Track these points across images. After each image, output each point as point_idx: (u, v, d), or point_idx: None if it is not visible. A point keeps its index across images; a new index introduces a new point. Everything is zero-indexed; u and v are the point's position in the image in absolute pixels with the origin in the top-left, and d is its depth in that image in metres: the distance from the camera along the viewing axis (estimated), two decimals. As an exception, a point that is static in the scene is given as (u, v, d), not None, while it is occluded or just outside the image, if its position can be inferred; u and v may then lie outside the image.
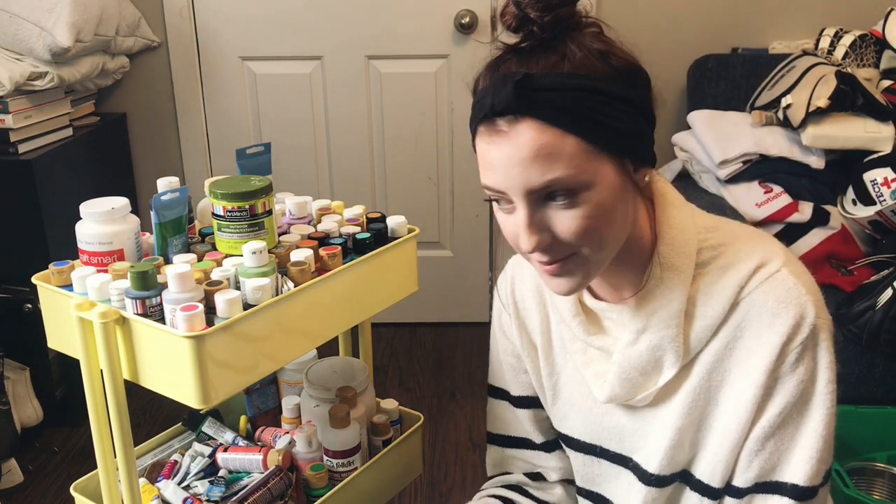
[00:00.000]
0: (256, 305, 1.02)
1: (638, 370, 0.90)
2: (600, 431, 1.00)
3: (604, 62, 0.80)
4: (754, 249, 0.88)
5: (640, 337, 0.89)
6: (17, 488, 2.05)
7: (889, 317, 1.72)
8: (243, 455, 1.21)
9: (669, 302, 0.87)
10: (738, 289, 0.86)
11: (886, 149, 2.01)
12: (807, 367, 0.85)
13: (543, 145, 0.78)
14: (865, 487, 1.77)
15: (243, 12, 2.58)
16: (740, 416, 0.87)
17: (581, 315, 0.95)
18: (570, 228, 0.81)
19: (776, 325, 0.84)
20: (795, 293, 0.85)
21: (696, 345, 0.88)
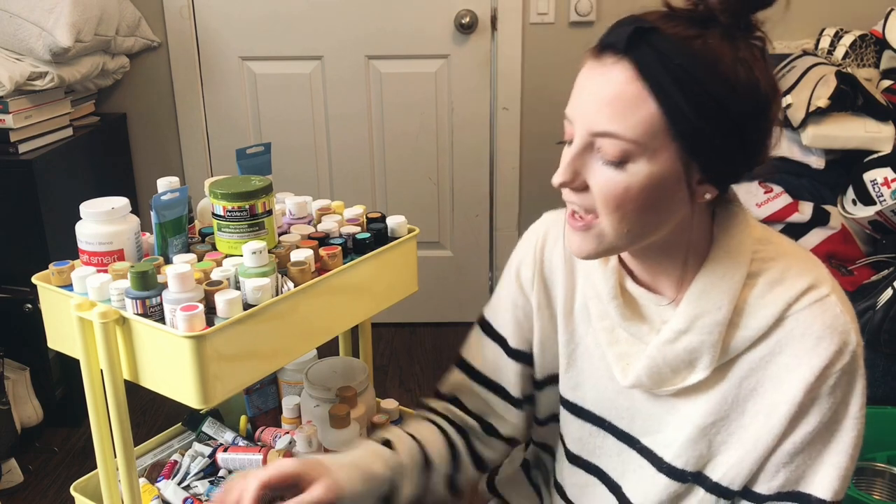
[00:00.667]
0: (256, 305, 1.02)
1: (670, 367, 0.90)
2: (611, 408, 0.99)
3: (731, 67, 0.79)
4: (806, 269, 0.89)
5: (680, 337, 0.89)
6: (17, 488, 2.05)
7: (889, 317, 1.72)
8: (243, 455, 1.21)
9: (717, 309, 0.87)
10: (785, 305, 0.86)
11: (886, 149, 2.01)
12: (843, 391, 0.86)
13: (626, 94, 0.78)
14: (865, 487, 1.77)
15: (243, 12, 2.58)
16: (772, 429, 0.87)
17: (619, 298, 0.94)
18: (602, 188, 0.81)
19: (820, 348, 0.85)
20: (842, 320, 0.86)
21: (732, 351, 0.88)
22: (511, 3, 2.51)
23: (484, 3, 2.54)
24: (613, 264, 0.95)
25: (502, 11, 2.53)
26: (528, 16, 2.53)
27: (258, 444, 1.26)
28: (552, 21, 2.53)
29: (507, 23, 2.53)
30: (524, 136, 2.64)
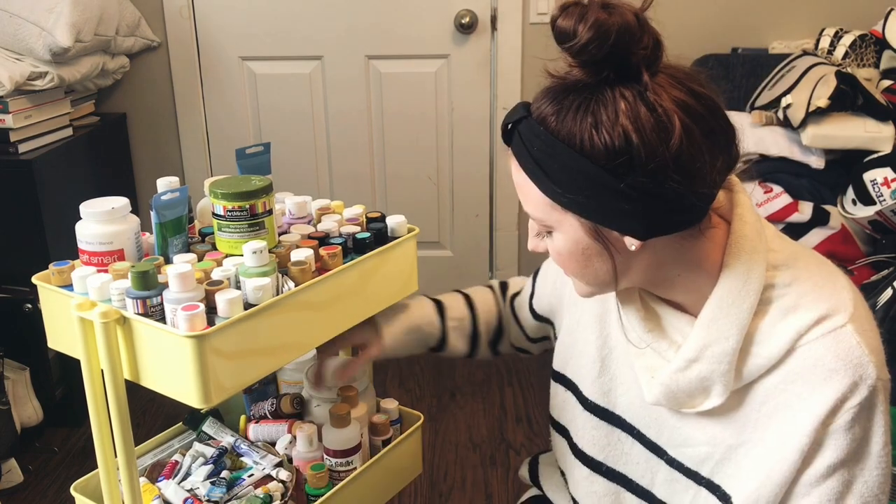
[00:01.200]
0: (257, 305, 1.02)
1: (685, 393, 0.90)
2: (642, 417, 1.00)
3: (586, 137, 0.79)
4: (823, 297, 0.86)
5: (690, 365, 0.88)
6: (17, 488, 2.05)
7: (889, 317, 1.72)
8: (272, 426, 1.27)
9: (726, 338, 0.86)
10: (796, 336, 0.85)
11: (886, 149, 2.01)
12: (862, 427, 0.84)
13: (518, 181, 0.88)
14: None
15: (243, 12, 2.58)
16: (785, 459, 0.85)
17: (642, 311, 0.95)
18: (551, 254, 0.91)
19: (832, 381, 0.83)
20: (857, 352, 0.83)
21: (747, 377, 0.87)
22: (511, 3, 2.51)
23: (484, 3, 2.54)
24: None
25: (502, 11, 2.53)
26: (528, 16, 2.53)
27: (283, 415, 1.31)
28: (552, 21, 2.53)
29: (507, 23, 2.54)
30: (524, 136, 2.64)
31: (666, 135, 0.78)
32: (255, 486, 1.17)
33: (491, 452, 2.20)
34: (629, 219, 0.82)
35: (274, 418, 1.29)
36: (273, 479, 1.19)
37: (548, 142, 0.81)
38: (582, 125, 0.79)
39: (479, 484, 2.09)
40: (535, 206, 0.86)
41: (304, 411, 1.29)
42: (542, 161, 0.82)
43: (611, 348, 1.02)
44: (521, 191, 0.88)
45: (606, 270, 0.87)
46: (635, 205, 0.80)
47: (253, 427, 1.28)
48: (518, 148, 0.85)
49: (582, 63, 0.80)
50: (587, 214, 0.83)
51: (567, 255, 0.87)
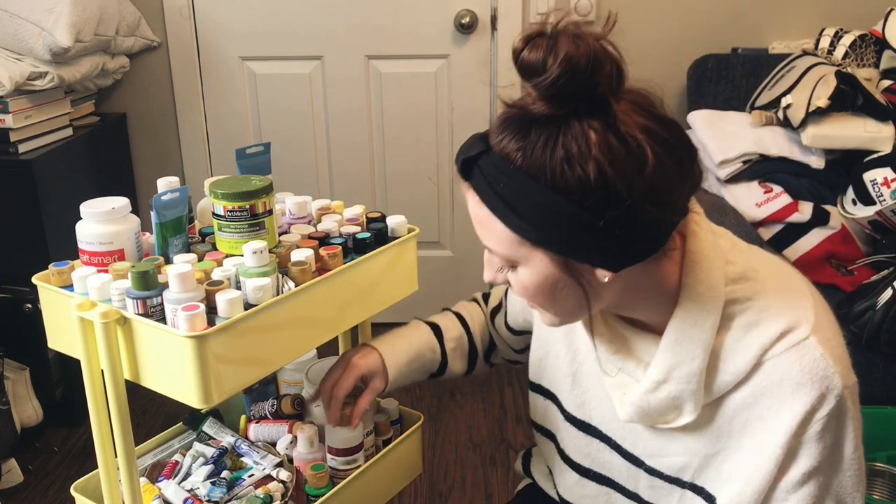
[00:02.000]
0: (257, 305, 1.02)
1: (657, 412, 0.90)
2: (617, 429, 1.00)
3: (556, 172, 0.76)
4: (785, 309, 0.86)
5: (659, 387, 0.88)
6: (17, 488, 2.05)
7: (889, 317, 1.72)
8: (273, 427, 1.26)
9: (692, 359, 0.86)
10: (761, 351, 0.85)
11: (886, 149, 2.01)
12: (833, 435, 0.85)
13: (479, 216, 0.84)
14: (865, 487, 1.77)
15: (243, 12, 2.58)
16: (761, 468, 0.86)
17: (606, 335, 0.94)
18: (514, 288, 0.87)
19: (800, 394, 0.83)
20: (822, 364, 0.83)
21: (717, 392, 0.88)
22: (511, 3, 2.51)
23: (484, 3, 2.54)
24: None
25: (502, 11, 2.53)
26: (528, 16, 2.53)
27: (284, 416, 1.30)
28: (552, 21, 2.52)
29: (507, 23, 2.54)
30: (524, 136, 2.64)
31: (640, 166, 0.76)
32: (256, 486, 1.17)
33: (491, 452, 2.20)
34: (603, 252, 0.80)
35: (274, 419, 1.29)
36: (273, 479, 1.19)
37: (515, 179, 0.77)
38: (552, 161, 0.76)
39: (479, 484, 2.09)
40: (500, 242, 0.82)
41: (304, 412, 1.29)
42: (509, 198, 0.78)
43: (580, 363, 1.02)
44: (481, 226, 0.84)
45: (576, 302, 0.85)
46: (611, 239, 0.78)
47: (253, 427, 1.28)
48: (480, 184, 0.81)
49: (547, 97, 0.76)
50: (560, 250, 0.80)
51: (535, 289, 0.84)
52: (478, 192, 0.81)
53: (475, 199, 0.82)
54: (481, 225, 0.84)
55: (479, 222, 0.84)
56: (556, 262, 0.81)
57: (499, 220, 0.81)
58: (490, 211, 0.81)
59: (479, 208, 0.82)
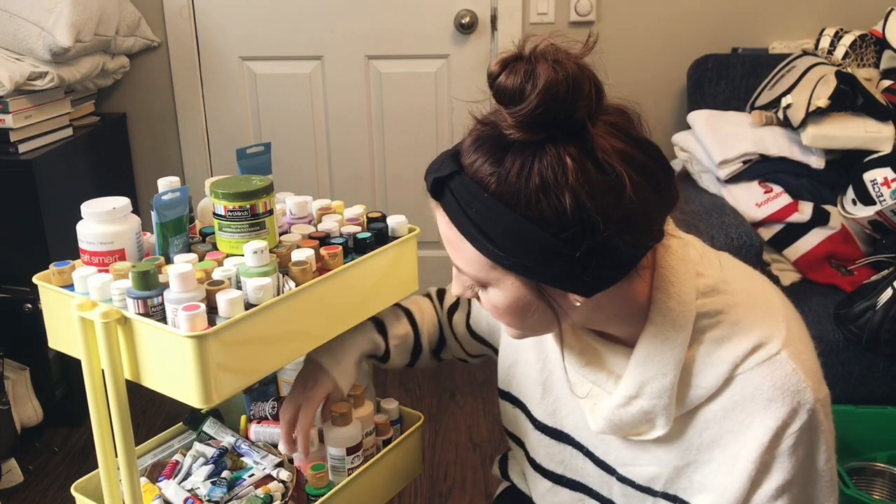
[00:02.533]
0: (258, 305, 1.02)
1: (629, 425, 0.90)
2: (588, 437, 1.00)
3: (531, 200, 0.74)
4: (755, 324, 0.85)
5: (631, 402, 0.88)
6: (17, 488, 2.05)
7: (889, 317, 1.72)
8: (273, 428, 1.25)
9: (663, 375, 0.85)
10: (732, 366, 0.84)
11: (886, 149, 2.01)
12: (805, 448, 0.84)
13: (449, 237, 0.82)
14: (865, 487, 1.77)
15: (243, 12, 2.58)
16: (734, 482, 0.86)
17: (575, 347, 0.94)
18: (483, 306, 0.86)
19: (771, 409, 0.82)
20: (794, 379, 0.82)
21: (689, 405, 0.87)
22: (511, 3, 2.51)
23: (484, 3, 2.54)
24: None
25: (502, 11, 2.53)
26: (528, 16, 2.53)
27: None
28: (552, 21, 2.53)
29: (507, 23, 2.54)
30: (524, 136, 2.64)
31: (618, 195, 0.73)
32: (256, 486, 1.17)
33: (491, 452, 2.20)
34: (577, 279, 0.78)
35: (275, 420, 1.29)
36: (273, 479, 1.19)
37: (488, 205, 0.75)
38: (528, 189, 0.73)
39: (479, 484, 2.09)
40: (470, 264, 0.81)
41: None
42: (482, 224, 0.76)
43: (550, 371, 1.02)
44: (452, 246, 0.82)
45: (546, 321, 0.84)
46: (586, 268, 0.76)
47: (254, 427, 1.28)
48: (451, 206, 0.79)
49: (523, 125, 0.74)
50: (532, 276, 0.78)
51: (504, 309, 0.83)
52: (448, 214, 0.80)
53: (445, 220, 0.81)
54: (451, 245, 0.82)
55: (450, 243, 0.82)
56: (528, 287, 0.80)
57: (469, 243, 0.79)
58: (460, 234, 0.79)
59: (448, 230, 0.81)
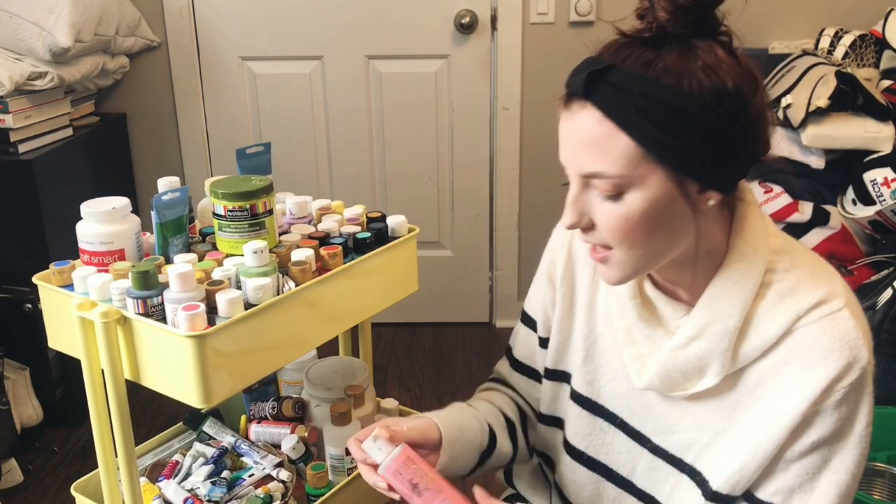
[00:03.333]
0: (257, 305, 1.02)
1: (681, 373, 0.91)
2: (625, 406, 1.00)
3: (693, 80, 0.79)
4: (820, 283, 0.88)
5: (690, 343, 0.89)
6: (17, 488, 2.05)
7: (889, 317, 1.72)
8: (274, 428, 1.25)
9: (728, 317, 0.87)
10: (795, 317, 0.86)
11: (886, 149, 2.01)
12: (849, 408, 0.86)
13: (597, 136, 0.81)
14: (865, 487, 1.77)
15: (243, 12, 2.58)
16: (773, 437, 0.87)
17: (637, 298, 0.95)
18: (606, 223, 0.84)
19: (828, 361, 0.84)
20: (853, 335, 0.85)
21: (743, 360, 0.88)
22: (511, 3, 2.51)
23: (484, 3, 2.54)
24: None
25: (502, 11, 2.53)
26: (528, 16, 2.53)
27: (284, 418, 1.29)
28: (552, 21, 2.53)
29: (507, 23, 2.54)
30: (524, 136, 2.65)
31: (755, 87, 0.81)
32: (256, 486, 1.17)
33: (491, 452, 2.20)
34: (717, 170, 0.82)
35: (275, 420, 1.29)
36: (273, 479, 1.19)
37: (651, 86, 0.78)
38: (691, 69, 0.79)
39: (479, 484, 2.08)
40: (618, 161, 0.80)
41: (304, 415, 1.30)
42: (643, 105, 0.78)
43: (596, 337, 1.02)
44: (596, 146, 0.81)
45: (669, 237, 0.85)
46: (726, 156, 0.81)
47: (254, 428, 1.28)
48: (608, 98, 0.80)
49: (676, 16, 0.79)
50: (682, 163, 0.81)
51: (639, 217, 0.82)
52: (603, 106, 0.80)
53: (593, 118, 0.81)
54: (596, 146, 0.81)
55: (594, 143, 0.81)
56: (672, 183, 0.81)
57: (625, 133, 0.79)
58: (616, 124, 0.79)
59: (598, 126, 0.80)
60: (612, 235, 0.84)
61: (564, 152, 0.85)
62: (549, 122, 2.78)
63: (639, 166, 0.80)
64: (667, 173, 0.81)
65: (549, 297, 1.08)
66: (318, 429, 1.26)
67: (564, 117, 0.84)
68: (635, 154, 0.80)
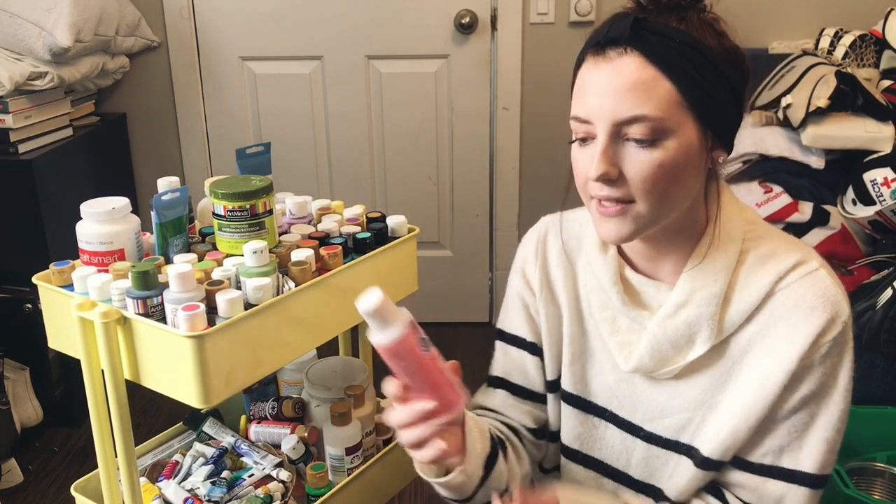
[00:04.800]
0: (257, 305, 1.02)
1: (671, 343, 0.92)
2: (613, 398, 1.01)
3: (715, 38, 0.86)
4: (793, 248, 0.93)
5: (679, 311, 0.92)
6: (17, 488, 2.05)
7: (889, 317, 1.72)
8: (274, 429, 1.25)
9: (714, 282, 0.91)
10: (776, 279, 0.90)
11: (886, 149, 2.01)
12: (833, 362, 0.89)
13: (641, 80, 0.83)
14: (865, 487, 1.77)
15: (243, 12, 2.58)
16: (765, 398, 0.89)
17: (620, 284, 0.97)
18: (639, 171, 0.85)
19: (812, 318, 0.88)
20: (833, 291, 0.89)
21: (728, 327, 0.91)
22: (511, 3, 2.51)
23: (484, 3, 2.54)
24: (613, 253, 0.98)
25: (502, 11, 2.53)
26: (528, 16, 2.53)
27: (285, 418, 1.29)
28: (552, 21, 2.53)
29: (507, 23, 2.54)
30: (524, 136, 2.65)
31: (743, 58, 0.89)
32: (256, 486, 1.17)
33: (491, 452, 2.20)
34: (730, 127, 0.89)
35: (275, 420, 1.29)
36: (273, 479, 1.19)
37: (689, 37, 0.84)
38: (714, 30, 0.87)
39: (480, 484, 2.08)
40: (660, 104, 0.83)
41: (304, 415, 1.30)
42: (685, 53, 0.83)
43: (581, 334, 1.03)
44: (638, 90, 0.83)
45: (685, 192, 0.88)
46: (737, 114, 0.89)
47: (254, 428, 1.28)
48: (652, 43, 0.83)
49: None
50: (709, 113, 0.85)
51: (672, 164, 0.85)
52: (647, 51, 0.84)
53: (637, 63, 0.84)
54: (639, 89, 0.83)
55: (636, 86, 0.83)
56: (698, 135, 0.86)
57: (667, 78, 0.83)
58: (659, 69, 0.83)
59: (642, 70, 0.83)
60: (643, 184, 0.85)
61: (595, 100, 0.85)
62: (550, 122, 2.78)
63: (676, 111, 0.84)
64: (695, 123, 0.85)
65: (530, 303, 1.07)
66: (318, 429, 1.26)
67: (596, 65, 0.86)
68: (675, 99, 0.84)
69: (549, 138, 2.61)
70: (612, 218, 0.88)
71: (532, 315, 1.07)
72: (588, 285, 1.01)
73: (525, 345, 1.08)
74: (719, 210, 0.93)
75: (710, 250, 0.92)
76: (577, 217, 1.05)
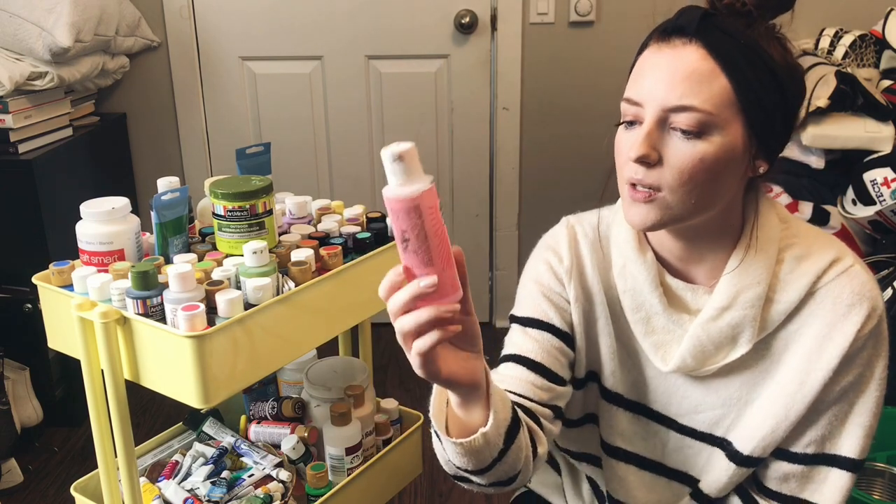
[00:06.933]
0: (257, 305, 1.02)
1: (714, 344, 0.93)
2: (646, 393, 1.02)
3: (779, 50, 0.87)
4: (827, 245, 0.94)
5: (722, 314, 0.92)
6: (17, 488, 2.05)
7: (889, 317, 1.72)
8: (273, 428, 1.25)
9: (756, 283, 0.91)
10: (815, 278, 0.91)
11: (886, 149, 2.01)
12: (870, 353, 0.92)
13: (699, 71, 0.84)
14: (865, 487, 1.77)
15: (243, 12, 2.58)
16: (805, 396, 0.91)
17: (660, 289, 0.97)
18: (679, 161, 0.85)
19: (852, 315, 0.90)
20: (869, 286, 0.91)
21: (770, 326, 0.93)
22: (511, 3, 2.51)
23: (484, 3, 2.54)
24: (651, 257, 0.97)
25: (502, 11, 2.53)
26: (528, 16, 2.53)
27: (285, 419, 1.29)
28: (552, 21, 2.53)
29: (507, 23, 2.54)
30: (524, 137, 2.65)
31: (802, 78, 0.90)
32: (256, 486, 1.17)
33: (491, 452, 2.20)
34: (777, 140, 0.89)
35: (275, 420, 1.29)
36: (273, 479, 1.19)
37: (754, 41, 0.85)
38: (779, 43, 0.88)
39: (479, 484, 2.09)
40: (712, 97, 0.84)
41: (304, 415, 1.30)
42: (748, 54, 0.84)
43: (617, 333, 1.02)
44: (693, 80, 0.84)
45: (720, 193, 0.88)
46: (786, 130, 0.89)
47: (254, 428, 1.28)
48: (718, 38, 0.85)
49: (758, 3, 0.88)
50: (759, 119, 0.86)
51: (712, 161, 0.85)
52: (711, 45, 0.84)
53: (698, 54, 0.85)
54: (694, 79, 0.84)
55: (692, 76, 0.84)
56: (744, 138, 0.86)
57: (725, 75, 0.84)
58: (719, 65, 0.84)
59: (702, 62, 0.84)
60: (679, 175, 0.85)
61: (651, 84, 0.86)
62: (550, 122, 2.77)
63: (726, 110, 0.84)
64: (743, 125, 0.85)
65: (558, 293, 1.03)
66: (318, 429, 1.26)
67: (659, 50, 0.87)
68: (728, 97, 0.84)
69: (549, 138, 2.61)
70: (640, 204, 0.88)
71: (559, 304, 1.03)
72: (621, 285, 1.00)
73: (549, 328, 1.03)
74: (758, 214, 0.93)
75: (749, 252, 0.92)
76: (603, 217, 1.04)
